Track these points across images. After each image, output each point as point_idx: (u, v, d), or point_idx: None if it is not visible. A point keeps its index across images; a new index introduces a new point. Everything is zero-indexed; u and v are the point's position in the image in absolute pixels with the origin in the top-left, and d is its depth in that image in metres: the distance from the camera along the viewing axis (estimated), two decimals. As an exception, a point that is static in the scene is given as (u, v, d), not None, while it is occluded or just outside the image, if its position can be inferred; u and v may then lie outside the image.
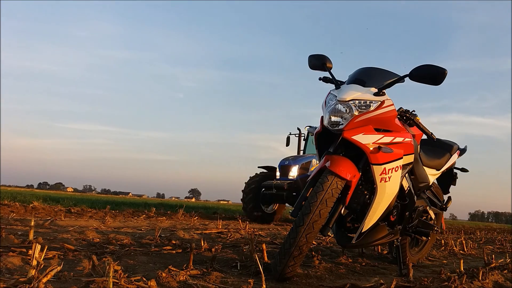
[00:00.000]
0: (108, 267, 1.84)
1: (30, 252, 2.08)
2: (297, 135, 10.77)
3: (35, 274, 1.78)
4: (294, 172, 9.13)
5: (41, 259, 1.89)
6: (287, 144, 10.39)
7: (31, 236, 3.02)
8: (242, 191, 9.66)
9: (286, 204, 9.69)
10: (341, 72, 2.71)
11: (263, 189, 9.27)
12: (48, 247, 2.66)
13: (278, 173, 9.45)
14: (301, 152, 10.57)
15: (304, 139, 10.72)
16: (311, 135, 10.03)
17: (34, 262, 1.82)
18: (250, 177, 9.78)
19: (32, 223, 3.07)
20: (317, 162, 9.14)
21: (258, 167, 10.11)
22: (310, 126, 10.32)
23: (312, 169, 9.00)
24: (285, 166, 9.39)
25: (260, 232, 5.82)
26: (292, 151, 10.98)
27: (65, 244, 2.93)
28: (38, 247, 1.86)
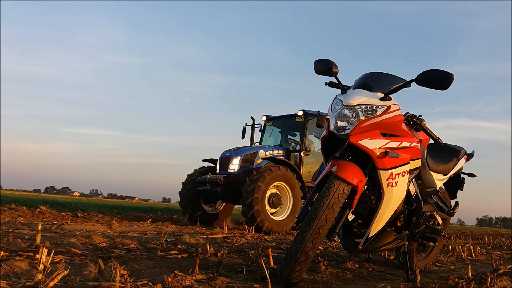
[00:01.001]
0: (114, 271, 1.84)
1: (37, 256, 2.10)
2: (251, 126, 9.32)
3: (42, 278, 1.79)
4: (234, 164, 7.87)
5: (48, 263, 1.90)
6: (243, 137, 9.08)
7: (38, 240, 3.04)
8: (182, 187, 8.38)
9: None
10: (347, 77, 2.71)
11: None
12: (55, 251, 2.67)
13: (218, 166, 8.22)
14: (257, 145, 9.15)
15: (260, 130, 9.35)
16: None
17: (41, 266, 1.83)
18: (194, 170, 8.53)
19: (39, 227, 3.08)
20: (266, 153, 8.43)
21: (203, 160, 8.75)
22: (266, 116, 9.20)
23: (259, 161, 7.91)
24: (225, 158, 8.12)
25: (266, 237, 5.81)
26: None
27: (72, 248, 2.94)
28: (45, 251, 1.87)
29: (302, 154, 8.30)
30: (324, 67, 2.73)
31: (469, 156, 3.63)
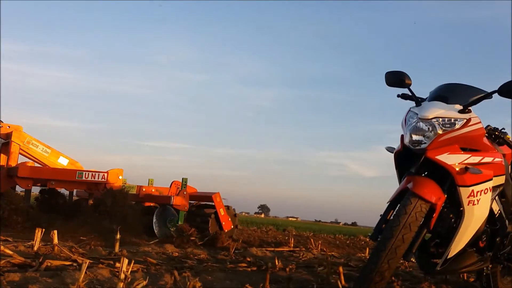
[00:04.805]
0: (188, 283, 1.90)
1: (118, 264, 2.21)
2: None
3: (123, 287, 1.89)
4: None
5: (128, 272, 2.00)
6: None
7: (116, 249, 3.21)
8: None
9: None
10: (420, 90, 2.60)
11: None
12: (133, 261, 2.81)
13: None
14: None
15: None
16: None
17: (122, 275, 1.93)
18: None
19: (118, 236, 3.25)
20: None
21: None
22: None
23: None
24: None
25: (333, 253, 5.69)
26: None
27: (148, 257, 3.08)
28: (126, 260, 1.97)
29: None
30: (396, 79, 2.65)
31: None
